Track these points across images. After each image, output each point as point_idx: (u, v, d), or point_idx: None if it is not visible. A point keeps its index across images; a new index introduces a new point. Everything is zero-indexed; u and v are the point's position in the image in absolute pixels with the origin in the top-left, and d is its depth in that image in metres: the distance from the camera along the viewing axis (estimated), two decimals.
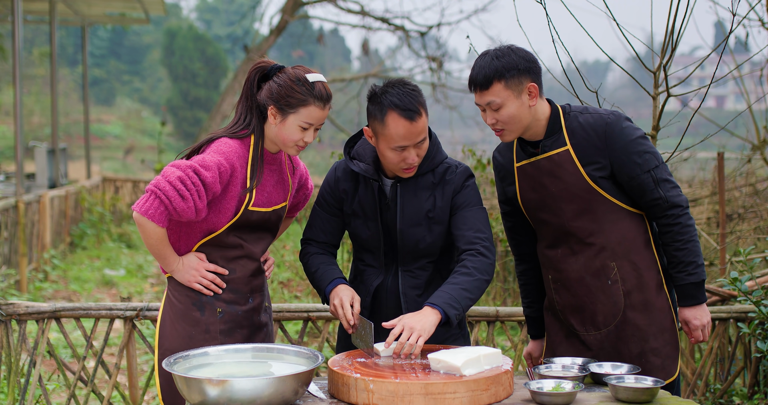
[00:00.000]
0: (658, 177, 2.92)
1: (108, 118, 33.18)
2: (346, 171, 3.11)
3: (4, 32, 17.92)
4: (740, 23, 4.34)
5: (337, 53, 47.06)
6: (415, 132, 2.87)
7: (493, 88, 2.87)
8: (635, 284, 2.99)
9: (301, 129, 2.88)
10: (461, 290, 2.85)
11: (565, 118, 2.98)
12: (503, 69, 2.86)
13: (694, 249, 2.94)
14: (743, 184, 9.20)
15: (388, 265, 3.09)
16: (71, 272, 10.40)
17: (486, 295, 7.48)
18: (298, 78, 2.86)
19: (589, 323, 3.05)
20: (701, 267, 2.95)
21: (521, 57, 2.88)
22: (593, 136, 2.92)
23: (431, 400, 2.44)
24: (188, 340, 2.91)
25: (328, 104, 2.91)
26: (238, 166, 2.88)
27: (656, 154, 2.96)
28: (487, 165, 7.59)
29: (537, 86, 2.90)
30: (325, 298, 3.05)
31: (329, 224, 3.14)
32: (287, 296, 8.24)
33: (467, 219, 3.00)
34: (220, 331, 2.93)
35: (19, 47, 9.64)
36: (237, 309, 2.97)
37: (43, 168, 12.12)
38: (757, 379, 4.43)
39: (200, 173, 2.77)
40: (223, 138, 2.91)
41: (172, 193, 2.73)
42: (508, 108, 2.89)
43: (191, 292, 2.94)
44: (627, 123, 2.95)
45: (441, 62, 16.94)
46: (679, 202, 2.93)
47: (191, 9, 50.62)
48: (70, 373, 4.27)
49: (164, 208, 2.75)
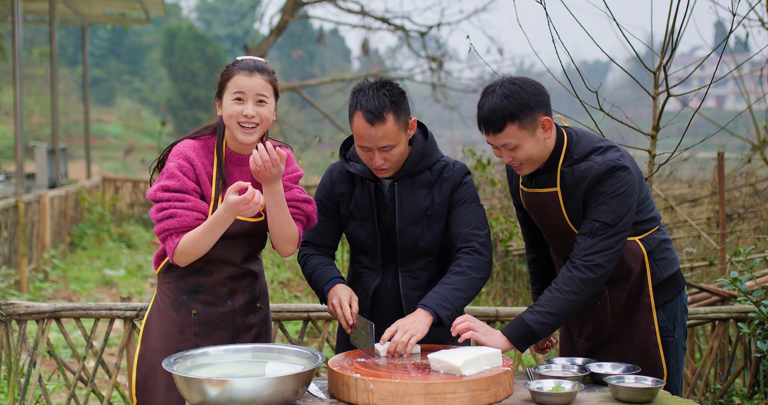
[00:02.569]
0: (596, 230, 2.81)
1: (108, 118, 33.18)
2: (342, 173, 3.10)
3: (4, 32, 17.91)
4: (740, 23, 4.34)
5: (337, 53, 47.06)
6: (375, 136, 2.84)
7: (508, 131, 2.79)
8: (624, 307, 3.00)
9: (236, 101, 2.83)
10: (453, 290, 2.86)
11: (565, 158, 2.90)
12: (515, 110, 2.76)
13: (561, 302, 2.80)
14: (743, 184, 9.21)
15: (385, 267, 3.09)
16: (71, 272, 10.41)
17: (486, 295, 7.48)
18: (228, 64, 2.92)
19: (578, 330, 3.12)
20: (550, 324, 2.80)
21: (530, 93, 2.79)
22: (580, 185, 2.86)
23: (431, 400, 2.44)
24: (165, 339, 2.92)
25: (255, 72, 2.85)
26: (198, 163, 2.85)
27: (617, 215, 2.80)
28: (486, 165, 7.59)
29: (550, 118, 2.84)
30: (323, 298, 3.04)
31: (326, 227, 3.13)
32: (287, 296, 8.24)
33: (465, 216, 3.00)
34: (194, 332, 2.92)
35: (19, 47, 9.64)
36: (213, 311, 2.93)
37: (43, 168, 12.12)
38: (757, 379, 4.43)
39: (167, 186, 2.81)
40: (185, 139, 2.93)
41: (163, 222, 2.79)
42: (524, 148, 2.82)
43: (171, 293, 2.94)
44: (616, 173, 2.82)
45: (441, 62, 16.95)
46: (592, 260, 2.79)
47: (191, 9, 50.64)
48: (70, 373, 4.27)
49: (170, 235, 2.78)
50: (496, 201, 10.60)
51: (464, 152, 7.92)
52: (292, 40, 31.87)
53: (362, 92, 2.86)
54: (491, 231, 7.45)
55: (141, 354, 2.97)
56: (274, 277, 8.83)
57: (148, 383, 2.94)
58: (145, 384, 2.94)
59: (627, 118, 4.22)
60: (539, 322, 2.79)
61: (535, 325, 2.79)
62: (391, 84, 2.90)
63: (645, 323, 2.98)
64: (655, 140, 4.22)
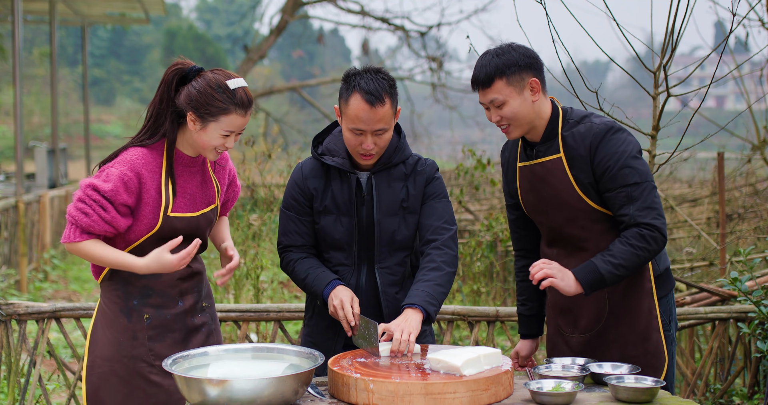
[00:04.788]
0: (632, 194, 2.85)
1: (108, 118, 33.20)
2: (315, 168, 3.10)
3: (4, 32, 17.92)
4: (740, 23, 4.34)
5: (337, 53, 47.09)
6: (374, 118, 2.88)
7: (495, 86, 2.89)
8: (622, 292, 2.99)
9: (223, 136, 2.84)
10: (435, 286, 2.93)
11: (563, 125, 2.97)
12: (504, 66, 2.88)
13: (630, 255, 2.83)
14: (743, 184, 9.21)
15: (360, 264, 3.08)
16: (71, 272, 10.41)
17: (486, 295, 7.47)
18: (219, 84, 2.79)
19: (572, 326, 3.08)
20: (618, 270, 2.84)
21: (521, 53, 2.91)
22: (581, 146, 2.91)
23: (431, 400, 2.44)
24: (117, 347, 2.89)
25: (249, 110, 2.85)
26: (146, 173, 2.83)
27: (640, 172, 2.87)
28: (486, 165, 7.58)
29: (539, 81, 2.92)
30: (324, 302, 3.03)
31: (304, 226, 3.11)
32: (287, 296, 8.23)
33: (437, 209, 3.07)
34: (148, 337, 2.90)
35: (19, 47, 9.65)
36: (165, 313, 2.93)
37: (43, 168, 12.13)
38: (757, 379, 4.43)
39: (99, 188, 2.77)
40: (131, 148, 2.87)
41: (76, 213, 2.77)
42: (510, 105, 2.90)
43: (118, 300, 2.91)
44: (616, 135, 2.89)
45: (441, 62, 16.96)
46: (647, 221, 2.83)
47: (191, 9, 50.62)
48: (70, 373, 4.27)
49: (75, 227, 2.78)
50: (496, 201, 10.61)
51: (464, 152, 7.91)
52: (292, 40, 31.89)
53: (359, 75, 2.92)
54: (491, 231, 7.45)
55: (90, 365, 2.92)
56: (274, 277, 8.82)
57: (99, 394, 2.90)
58: (96, 395, 2.90)
59: (627, 118, 4.21)
60: (611, 272, 2.84)
61: (607, 274, 2.84)
62: (384, 70, 2.99)
63: (647, 308, 2.98)
64: (655, 140, 4.22)
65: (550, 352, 3.17)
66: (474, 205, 10.73)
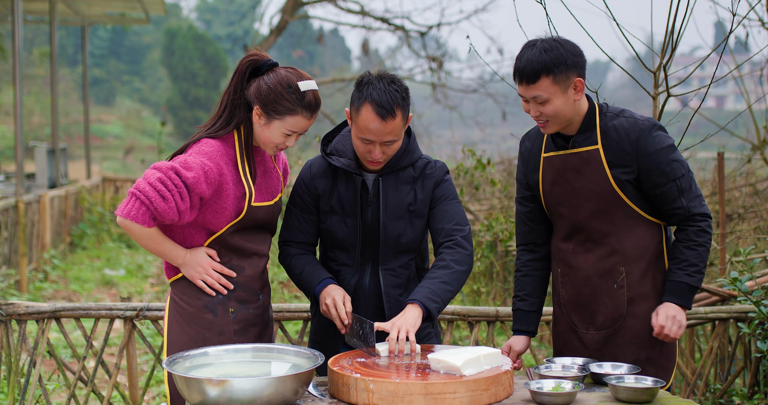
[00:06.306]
0: (682, 186, 2.93)
1: (108, 118, 33.19)
2: (323, 167, 3.10)
3: (4, 32, 17.92)
4: (740, 23, 4.34)
5: (337, 53, 47.08)
6: (383, 131, 2.86)
7: (541, 83, 2.84)
8: (641, 292, 2.99)
9: (285, 135, 2.85)
10: (440, 283, 2.90)
11: (600, 118, 2.97)
12: (552, 64, 2.82)
13: (703, 254, 2.96)
14: (743, 184, 9.21)
15: (363, 264, 3.08)
16: (71, 272, 10.41)
17: (486, 295, 7.47)
18: (290, 84, 2.80)
19: (588, 322, 3.06)
20: (701, 274, 2.96)
21: (569, 51, 2.85)
22: (625, 140, 2.92)
23: (431, 400, 2.44)
24: (202, 343, 2.87)
25: (315, 113, 2.86)
26: (224, 165, 2.81)
27: (683, 163, 2.96)
28: (486, 165, 7.58)
29: (583, 81, 2.89)
30: (315, 298, 3.04)
31: (307, 224, 3.11)
32: (287, 296, 8.23)
33: (447, 212, 3.05)
34: (233, 331, 2.91)
35: (19, 47, 9.65)
36: (248, 307, 2.95)
37: (43, 168, 12.12)
38: (757, 379, 4.43)
39: (181, 174, 2.70)
40: (204, 139, 2.86)
41: (153, 194, 2.67)
42: (554, 103, 2.87)
43: (202, 295, 2.90)
44: (659, 132, 2.95)
45: (441, 62, 16.94)
46: (700, 211, 2.96)
47: (191, 9, 50.65)
48: (70, 373, 4.27)
49: (146, 209, 2.68)
50: (496, 201, 10.60)
51: (464, 152, 7.91)
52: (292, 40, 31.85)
53: (372, 85, 2.87)
54: (491, 231, 7.45)
55: None
56: (275, 277, 8.83)
57: None
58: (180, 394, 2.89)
59: None
60: (699, 280, 2.94)
61: (697, 282, 2.94)
62: (398, 80, 2.93)
63: None
64: None
65: (560, 349, 3.14)
66: (474, 205, 10.72)
